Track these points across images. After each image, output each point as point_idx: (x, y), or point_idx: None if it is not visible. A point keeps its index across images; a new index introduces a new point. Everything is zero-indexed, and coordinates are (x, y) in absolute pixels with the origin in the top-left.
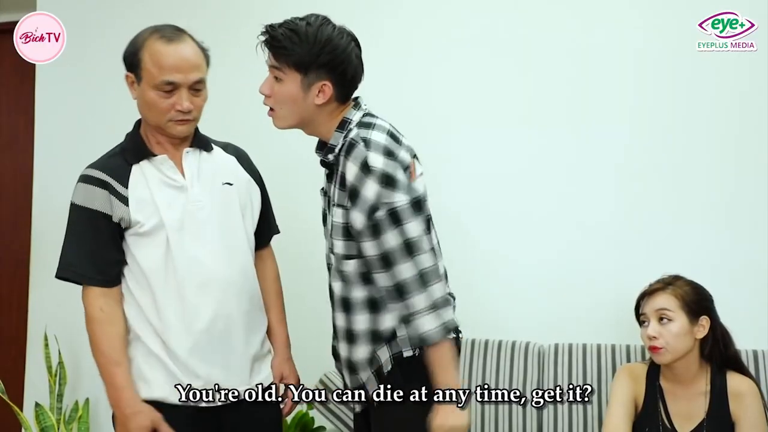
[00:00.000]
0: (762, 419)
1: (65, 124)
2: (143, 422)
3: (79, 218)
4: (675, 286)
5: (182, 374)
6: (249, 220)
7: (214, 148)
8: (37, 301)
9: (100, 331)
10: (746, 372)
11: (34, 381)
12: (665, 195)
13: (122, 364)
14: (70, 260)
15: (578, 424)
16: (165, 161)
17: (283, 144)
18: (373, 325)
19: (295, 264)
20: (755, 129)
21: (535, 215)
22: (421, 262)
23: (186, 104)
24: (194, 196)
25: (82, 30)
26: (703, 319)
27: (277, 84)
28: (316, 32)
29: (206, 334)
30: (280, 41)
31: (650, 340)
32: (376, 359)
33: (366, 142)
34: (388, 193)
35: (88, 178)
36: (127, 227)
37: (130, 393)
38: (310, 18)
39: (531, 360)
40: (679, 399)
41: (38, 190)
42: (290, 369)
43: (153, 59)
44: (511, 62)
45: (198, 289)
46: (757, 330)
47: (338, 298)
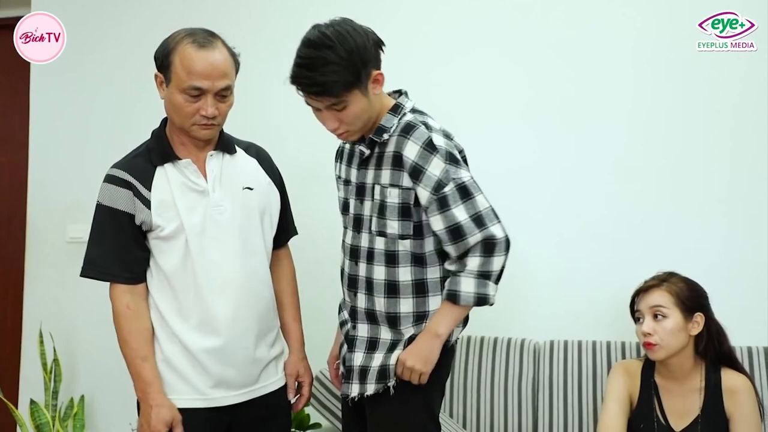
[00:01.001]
0: (756, 415)
1: (60, 120)
2: (165, 416)
3: (104, 218)
4: (670, 283)
5: (197, 373)
6: (268, 226)
7: (237, 151)
8: (33, 297)
9: (128, 327)
10: (740, 368)
11: (29, 378)
12: (662, 193)
13: (149, 359)
14: (94, 259)
15: (574, 421)
16: (189, 165)
17: (299, 143)
18: (417, 308)
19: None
20: (755, 129)
21: (530, 213)
22: (499, 229)
23: (211, 110)
24: (215, 200)
25: (77, 29)
26: (698, 316)
27: (341, 112)
28: (340, 50)
29: (221, 336)
30: (323, 84)
31: (645, 336)
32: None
33: (426, 125)
34: (454, 169)
35: (112, 179)
36: (149, 230)
37: (157, 387)
38: (317, 40)
39: (526, 357)
40: (674, 395)
41: (33, 186)
42: (305, 368)
43: (183, 64)
44: (510, 62)
45: (216, 292)
46: (752, 326)
47: (380, 282)
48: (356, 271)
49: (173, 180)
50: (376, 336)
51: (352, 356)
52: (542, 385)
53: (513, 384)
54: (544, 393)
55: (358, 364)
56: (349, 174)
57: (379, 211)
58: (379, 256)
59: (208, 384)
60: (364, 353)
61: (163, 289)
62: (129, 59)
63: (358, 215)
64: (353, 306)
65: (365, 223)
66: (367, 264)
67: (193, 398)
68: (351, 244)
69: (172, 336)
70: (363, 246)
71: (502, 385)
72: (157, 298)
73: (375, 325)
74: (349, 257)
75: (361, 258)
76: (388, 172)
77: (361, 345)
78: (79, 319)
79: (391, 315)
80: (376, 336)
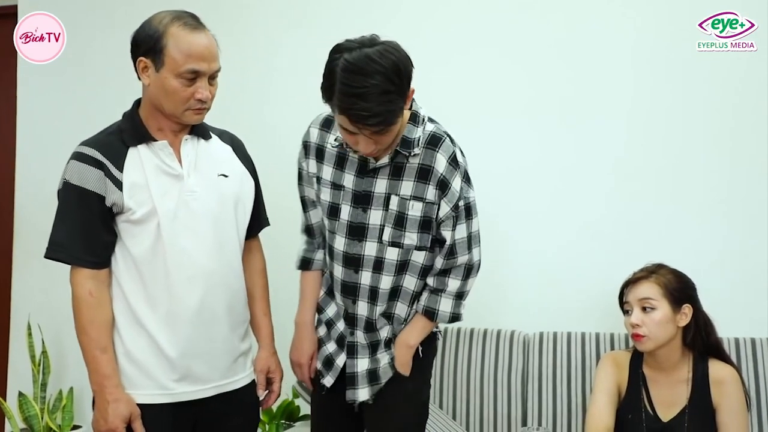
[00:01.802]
0: (742, 406)
1: (48, 111)
2: (123, 411)
3: (72, 198)
4: (658, 275)
5: (161, 367)
6: (241, 215)
7: (212, 137)
8: (20, 289)
9: (89, 316)
10: (728, 359)
11: (17, 370)
12: (660, 192)
13: (108, 350)
14: (60, 240)
15: (563, 412)
16: (165, 147)
17: (275, 135)
18: (411, 314)
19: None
20: (755, 129)
21: (521, 208)
22: (478, 253)
23: (206, 93)
24: (189, 185)
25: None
26: (686, 307)
27: (381, 135)
28: (391, 74)
29: (190, 326)
30: (380, 114)
31: (633, 328)
32: None
33: (450, 138)
34: (467, 188)
35: (82, 156)
36: (119, 213)
37: (115, 380)
38: (365, 66)
39: (516, 348)
40: (662, 386)
41: (21, 177)
42: (276, 363)
43: (179, 47)
44: (510, 62)
45: (185, 280)
46: (751, 322)
47: (385, 291)
48: (356, 279)
49: (147, 162)
50: (376, 339)
51: (355, 362)
52: (532, 376)
53: (503, 375)
54: (533, 384)
55: (365, 368)
56: (340, 179)
57: (396, 222)
58: (389, 266)
59: (173, 377)
60: (369, 358)
61: (131, 275)
62: (116, 53)
63: (359, 224)
64: (351, 313)
65: (371, 232)
66: (372, 273)
67: (156, 393)
68: (346, 252)
69: (136, 326)
70: (367, 255)
71: (492, 376)
72: (124, 285)
73: (373, 332)
74: (344, 264)
75: (364, 267)
76: (411, 184)
77: (363, 351)
78: (67, 311)
79: (387, 315)
80: (376, 339)
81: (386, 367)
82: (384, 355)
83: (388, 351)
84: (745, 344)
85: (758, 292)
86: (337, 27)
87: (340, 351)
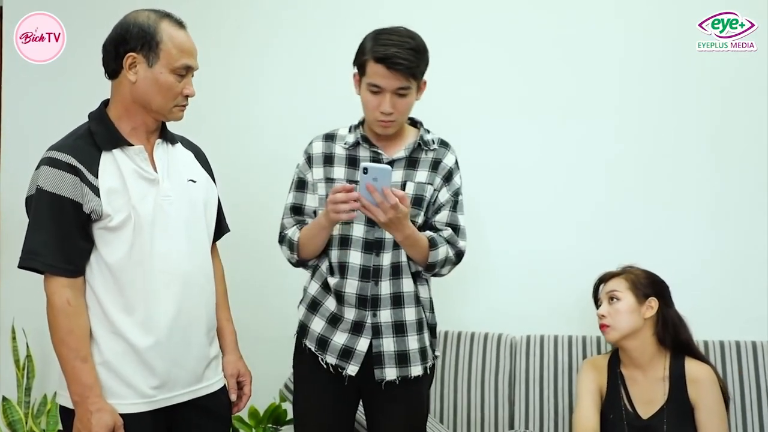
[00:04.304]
0: (720, 404)
1: (33, 115)
2: (108, 421)
3: (46, 205)
4: (628, 272)
5: (141, 374)
6: (210, 220)
7: (177, 142)
8: (4, 293)
9: (68, 325)
10: (702, 358)
11: (1, 375)
12: (657, 192)
13: (89, 360)
14: (35, 249)
15: (549, 414)
16: (141, 152)
17: (249, 140)
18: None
19: (271, 260)
20: (755, 129)
21: (508, 210)
22: (465, 245)
23: (193, 89)
24: (165, 190)
25: None
26: (652, 301)
27: (400, 99)
28: (422, 43)
29: (167, 331)
30: (413, 70)
31: (600, 318)
32: None
33: None
34: (461, 187)
35: (55, 162)
36: (97, 219)
37: (97, 390)
38: (413, 32)
39: (503, 351)
40: (640, 384)
41: (5, 182)
42: (244, 366)
43: (174, 42)
44: (511, 62)
45: (162, 285)
46: (743, 323)
47: (406, 262)
48: (378, 262)
49: (124, 167)
50: (401, 319)
51: (381, 342)
52: (519, 379)
53: (490, 378)
54: (520, 387)
55: (392, 349)
56: (353, 176)
57: (413, 202)
58: (406, 267)
59: (153, 384)
60: (394, 338)
61: (106, 283)
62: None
63: (377, 238)
64: (374, 294)
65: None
66: (393, 251)
67: (137, 402)
68: (366, 238)
69: (114, 334)
70: (388, 238)
71: (479, 379)
72: (100, 294)
73: (399, 308)
74: (363, 250)
75: (385, 249)
76: (425, 173)
77: (388, 330)
78: None
79: (411, 295)
80: (401, 319)
81: (415, 352)
82: (413, 339)
83: (417, 335)
84: (762, 347)
85: (749, 293)
86: (332, 27)
87: (358, 336)
